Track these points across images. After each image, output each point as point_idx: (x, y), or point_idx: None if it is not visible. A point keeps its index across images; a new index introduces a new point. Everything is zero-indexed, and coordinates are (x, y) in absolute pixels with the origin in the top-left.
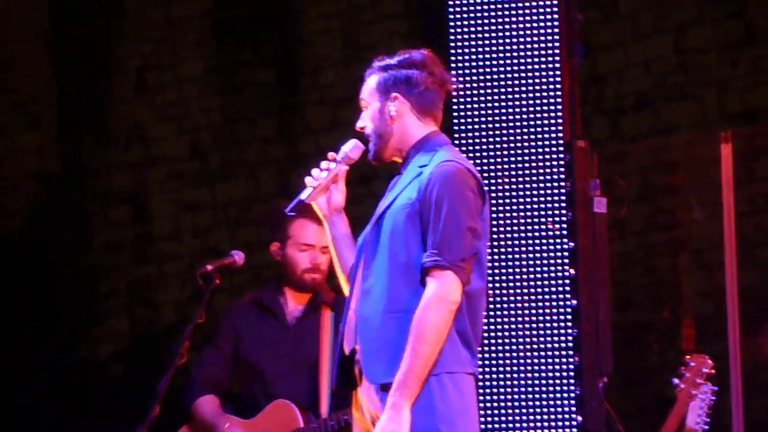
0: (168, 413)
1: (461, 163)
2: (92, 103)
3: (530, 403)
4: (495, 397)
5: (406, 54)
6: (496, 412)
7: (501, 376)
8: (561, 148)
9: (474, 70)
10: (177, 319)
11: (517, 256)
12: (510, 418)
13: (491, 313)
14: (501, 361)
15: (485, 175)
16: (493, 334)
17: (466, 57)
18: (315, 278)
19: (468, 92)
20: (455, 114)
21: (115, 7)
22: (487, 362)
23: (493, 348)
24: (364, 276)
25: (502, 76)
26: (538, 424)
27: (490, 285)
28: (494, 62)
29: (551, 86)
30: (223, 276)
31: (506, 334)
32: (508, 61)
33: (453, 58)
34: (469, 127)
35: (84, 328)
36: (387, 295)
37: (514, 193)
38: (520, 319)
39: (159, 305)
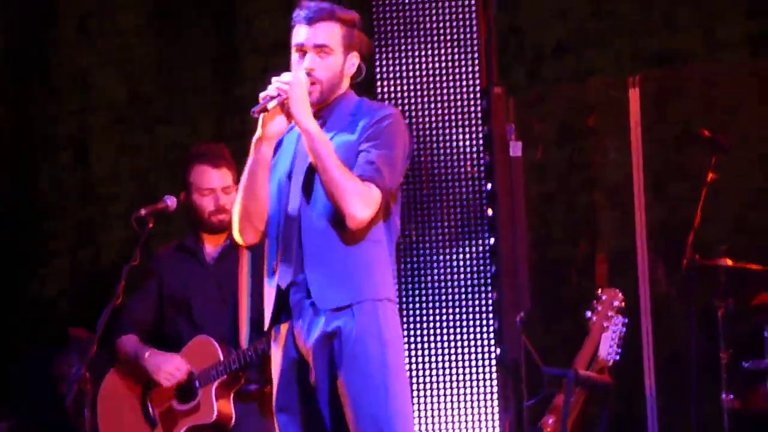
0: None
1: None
2: (37, 52)
3: (451, 337)
4: (418, 332)
5: (351, 12)
6: (419, 345)
7: (424, 311)
8: (478, 94)
9: (395, 21)
10: (118, 259)
11: (437, 197)
12: (432, 351)
13: (414, 252)
14: (423, 298)
15: (406, 120)
16: (416, 272)
17: (387, 7)
18: (221, 219)
19: (389, 41)
20: (377, 62)
21: None
22: (411, 299)
23: (416, 285)
24: (305, 215)
25: (422, 26)
26: (459, 357)
27: (414, 225)
28: (414, 13)
29: (468, 35)
30: (161, 221)
31: (428, 272)
32: (428, 12)
33: (374, 8)
34: (390, 74)
35: (32, 266)
36: (337, 228)
37: (434, 138)
38: (440, 257)
39: (101, 246)
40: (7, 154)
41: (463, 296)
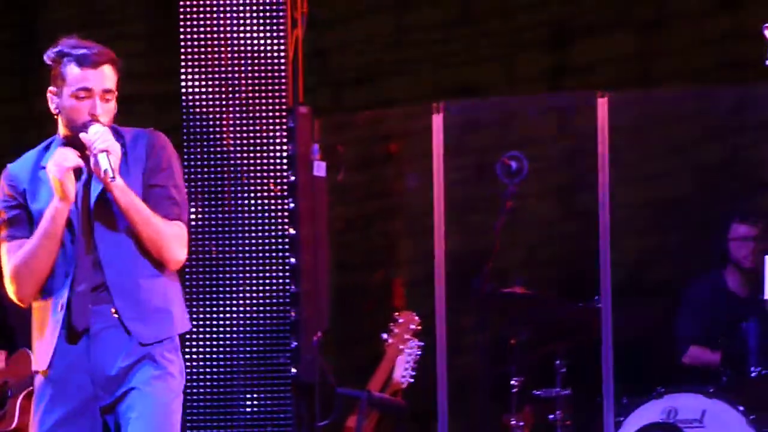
0: None
1: None
2: None
3: (248, 356)
4: (215, 348)
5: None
6: (215, 363)
7: (221, 328)
8: (284, 114)
9: (202, 36)
10: None
11: (240, 215)
12: (228, 368)
13: (214, 269)
14: (222, 315)
15: (211, 136)
16: (215, 289)
17: (195, 24)
18: None
19: (196, 58)
20: (183, 78)
21: None
22: (209, 315)
23: (215, 302)
24: (105, 252)
25: (230, 44)
26: (255, 375)
27: (216, 242)
28: (222, 30)
29: (276, 55)
30: None
31: (227, 290)
32: (236, 30)
33: (182, 24)
34: (197, 90)
35: None
36: (139, 262)
37: (238, 155)
38: (241, 275)
39: None
40: None
41: (262, 314)
